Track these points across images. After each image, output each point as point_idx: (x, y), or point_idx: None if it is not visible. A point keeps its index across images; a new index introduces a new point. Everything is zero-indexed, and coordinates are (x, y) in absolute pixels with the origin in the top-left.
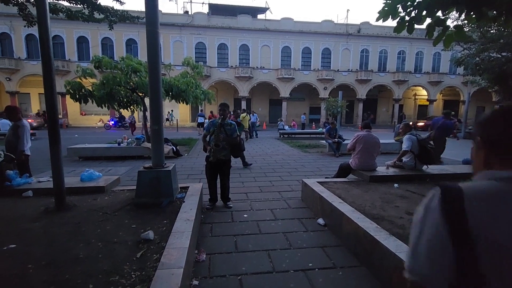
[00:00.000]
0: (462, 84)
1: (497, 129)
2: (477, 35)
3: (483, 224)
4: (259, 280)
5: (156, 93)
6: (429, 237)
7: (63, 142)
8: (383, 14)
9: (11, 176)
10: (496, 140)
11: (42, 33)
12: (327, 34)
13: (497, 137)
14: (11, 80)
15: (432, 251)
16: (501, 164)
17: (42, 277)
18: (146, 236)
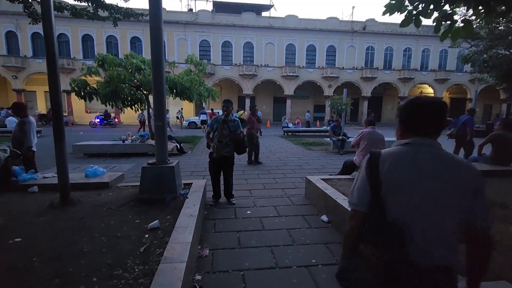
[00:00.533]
0: (469, 81)
1: (405, 114)
2: (485, 31)
3: (387, 172)
4: (262, 275)
5: (160, 90)
6: (359, 182)
7: (68, 139)
8: (389, 8)
9: (17, 171)
10: (404, 121)
11: (46, 30)
12: (332, 32)
13: (404, 118)
14: (17, 78)
15: (359, 191)
16: (405, 136)
17: (46, 270)
18: (153, 226)
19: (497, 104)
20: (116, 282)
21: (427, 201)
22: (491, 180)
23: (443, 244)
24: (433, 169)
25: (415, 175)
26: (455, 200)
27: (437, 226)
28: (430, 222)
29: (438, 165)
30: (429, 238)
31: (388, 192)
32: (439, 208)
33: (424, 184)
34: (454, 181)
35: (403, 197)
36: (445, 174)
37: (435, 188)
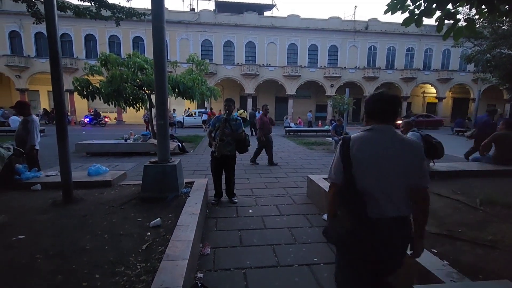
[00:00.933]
0: (472, 81)
1: (368, 106)
2: (488, 31)
3: (356, 151)
4: (263, 274)
5: (162, 88)
6: (335, 162)
7: (71, 138)
8: (391, 6)
9: (21, 170)
10: (367, 111)
11: (50, 29)
12: (334, 31)
13: (368, 109)
14: (20, 77)
15: (336, 168)
16: (368, 123)
17: (49, 266)
18: (155, 224)
19: (500, 104)
20: (119, 279)
21: (386, 172)
22: (493, 180)
23: (399, 202)
24: (389, 148)
25: (376, 154)
26: (405, 170)
27: (394, 189)
28: (389, 187)
29: (393, 144)
30: (388, 199)
31: (357, 168)
32: (394, 176)
33: (383, 159)
34: (404, 156)
35: (368, 171)
36: (398, 151)
37: (391, 162)
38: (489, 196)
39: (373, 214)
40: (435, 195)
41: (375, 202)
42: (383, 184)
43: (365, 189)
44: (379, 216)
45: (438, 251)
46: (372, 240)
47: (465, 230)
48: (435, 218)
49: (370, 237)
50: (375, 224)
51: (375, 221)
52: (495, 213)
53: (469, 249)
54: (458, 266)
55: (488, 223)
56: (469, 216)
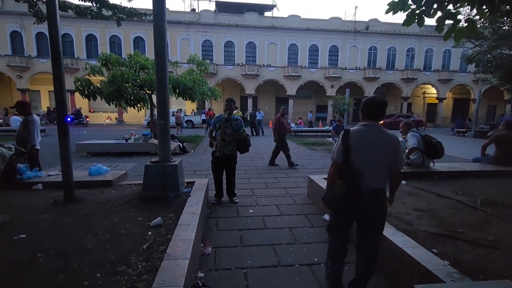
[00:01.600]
0: (472, 82)
1: (363, 106)
2: (489, 31)
3: (354, 140)
4: (264, 273)
5: (163, 88)
6: (337, 147)
7: (72, 138)
8: (392, 6)
9: (22, 169)
10: (362, 111)
11: (51, 29)
12: (335, 32)
13: (362, 109)
14: (22, 77)
15: (338, 151)
16: (363, 120)
17: (51, 266)
18: (156, 223)
19: (501, 105)
20: (120, 278)
21: (373, 156)
22: (494, 180)
23: (381, 179)
24: (377, 140)
25: (367, 142)
26: (386, 155)
27: (378, 170)
28: (374, 167)
29: (380, 138)
30: (373, 175)
31: (353, 152)
32: (378, 160)
33: (372, 148)
34: (386, 144)
35: (361, 155)
36: (383, 143)
37: (377, 149)
38: (490, 196)
39: (361, 185)
40: (436, 195)
41: (364, 177)
42: (371, 165)
43: (357, 168)
44: (365, 187)
45: (439, 251)
46: (358, 203)
47: (465, 230)
48: (435, 218)
49: (357, 201)
50: (363, 192)
51: (363, 191)
52: (496, 213)
53: (470, 249)
54: (458, 266)
55: (488, 223)
56: (470, 216)
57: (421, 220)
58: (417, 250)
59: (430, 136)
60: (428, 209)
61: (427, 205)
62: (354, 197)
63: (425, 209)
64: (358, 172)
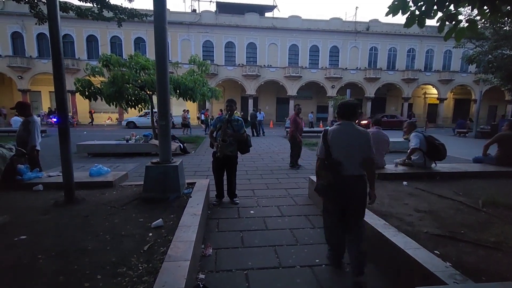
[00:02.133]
0: (473, 82)
1: (338, 109)
2: (490, 32)
3: (331, 138)
4: (265, 275)
5: (164, 89)
6: (320, 145)
7: (72, 139)
8: (393, 8)
9: (22, 170)
10: (337, 113)
11: (52, 29)
12: (335, 32)
13: (337, 112)
14: (22, 78)
15: (320, 149)
16: (339, 120)
17: (51, 267)
18: (157, 224)
19: (502, 105)
20: (120, 279)
21: (348, 150)
22: (495, 181)
23: (357, 166)
24: (350, 135)
25: (342, 139)
26: (359, 148)
27: (354, 159)
28: (351, 157)
29: (353, 133)
30: (350, 165)
31: (332, 147)
32: (354, 151)
33: (347, 142)
34: (358, 139)
35: (338, 149)
36: (355, 137)
37: (350, 143)
38: (492, 197)
39: (342, 173)
40: (437, 196)
41: (343, 166)
42: (348, 156)
43: (337, 159)
44: (346, 174)
45: (441, 252)
46: (343, 189)
47: (467, 232)
48: (437, 219)
49: (341, 187)
50: (344, 179)
51: (344, 177)
52: (498, 214)
53: (472, 250)
54: (460, 268)
55: (490, 225)
56: (472, 217)
57: (422, 221)
58: (418, 252)
59: (433, 137)
60: (429, 210)
61: (429, 206)
62: (338, 184)
63: (426, 210)
64: (338, 163)
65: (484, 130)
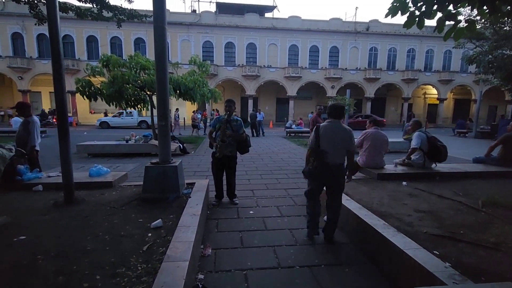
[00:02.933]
0: (473, 82)
1: (329, 109)
2: (490, 32)
3: (322, 133)
4: (264, 275)
5: (163, 89)
6: (312, 136)
7: (72, 139)
8: (392, 9)
9: (22, 170)
10: (327, 113)
11: (52, 30)
12: (335, 32)
13: (328, 112)
14: (23, 79)
15: (312, 140)
16: (329, 118)
17: (51, 267)
18: (156, 225)
19: (502, 105)
20: (119, 280)
21: (335, 142)
22: (495, 181)
23: (340, 156)
24: (337, 131)
25: (331, 134)
26: (343, 141)
27: (338, 150)
28: (336, 149)
29: (339, 130)
30: (335, 155)
31: (322, 140)
32: (337, 144)
33: (334, 136)
34: (342, 134)
35: (326, 141)
36: (341, 133)
37: (336, 137)
38: (491, 197)
39: (328, 161)
40: (437, 196)
41: (329, 155)
42: (333, 147)
43: (324, 149)
44: (330, 162)
45: (440, 253)
46: (326, 173)
47: (467, 232)
48: (437, 219)
49: (325, 172)
50: (329, 166)
51: (328, 165)
52: (498, 214)
53: (472, 251)
54: (460, 268)
55: (490, 225)
56: (471, 217)
57: (422, 222)
58: (418, 252)
59: (436, 138)
60: (429, 210)
61: (428, 206)
62: (323, 169)
63: (426, 211)
64: (325, 152)
65: (484, 130)
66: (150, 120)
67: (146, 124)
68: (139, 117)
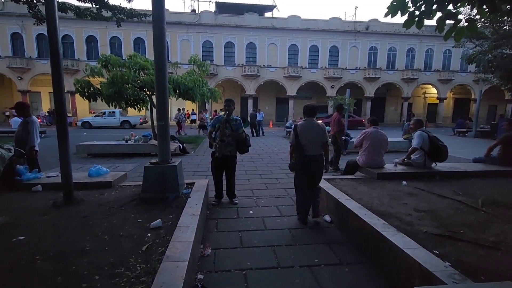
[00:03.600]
0: (473, 82)
1: (304, 109)
2: (490, 31)
3: (300, 130)
4: (264, 275)
5: (163, 89)
6: (292, 135)
7: (72, 139)
8: (392, 9)
9: (21, 171)
10: (303, 112)
11: (50, 30)
12: (335, 32)
13: (303, 111)
14: (22, 79)
15: (292, 137)
16: (305, 117)
17: (49, 268)
18: (155, 225)
19: (502, 105)
20: (118, 280)
21: (311, 137)
22: (495, 180)
23: (317, 148)
24: (312, 128)
25: (307, 130)
26: (317, 136)
27: (314, 144)
28: (312, 143)
29: (314, 127)
30: (312, 147)
31: (300, 136)
32: (313, 138)
33: (310, 132)
34: (317, 129)
35: (304, 137)
36: (316, 129)
37: (313, 133)
38: (491, 197)
39: (307, 153)
40: (437, 195)
41: (307, 149)
42: (310, 142)
43: (303, 144)
44: (309, 154)
45: (440, 252)
46: (307, 164)
47: (467, 231)
48: (436, 219)
49: (306, 163)
50: (308, 157)
51: (308, 156)
52: (497, 214)
53: (471, 250)
54: (460, 267)
55: (490, 224)
56: (471, 217)
57: (422, 221)
58: (418, 251)
59: (437, 138)
60: (429, 210)
61: (428, 206)
62: (304, 161)
63: (426, 210)
64: (303, 146)
65: (484, 129)
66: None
67: (129, 124)
68: (121, 117)
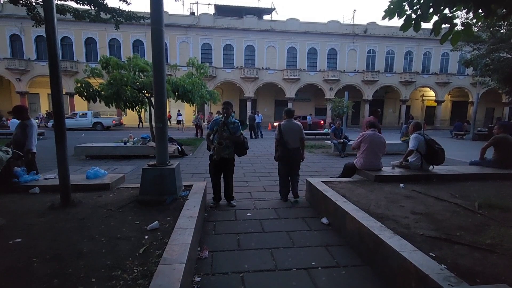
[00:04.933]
0: (471, 85)
1: (286, 113)
2: (487, 35)
3: (283, 129)
4: (261, 278)
5: (161, 91)
6: (276, 132)
7: (70, 141)
8: (389, 12)
9: (19, 173)
10: (285, 114)
11: (48, 32)
12: (333, 35)
13: (286, 114)
14: (21, 80)
15: (277, 133)
16: (286, 118)
17: (46, 270)
18: (153, 227)
19: (499, 107)
20: (115, 283)
21: (291, 134)
22: (491, 183)
23: (296, 142)
24: (292, 127)
25: (288, 128)
26: (296, 133)
27: (294, 139)
28: (292, 139)
29: (292, 125)
30: (292, 142)
31: (283, 133)
32: (293, 135)
33: (290, 130)
34: (296, 127)
35: (286, 134)
36: (294, 127)
37: (292, 131)
38: (488, 199)
39: (289, 146)
40: (434, 198)
41: (288, 143)
42: (291, 137)
43: (286, 139)
44: (290, 147)
45: (436, 255)
46: (288, 155)
47: (463, 234)
48: (433, 221)
49: (287, 154)
50: (289, 150)
51: (289, 149)
52: (494, 216)
53: (467, 253)
54: (456, 270)
55: (486, 227)
56: (468, 219)
57: (418, 224)
58: (414, 254)
59: (434, 141)
60: (425, 213)
61: (425, 208)
62: (286, 153)
63: (422, 213)
64: (286, 141)
65: (482, 132)
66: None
67: (102, 125)
68: (93, 119)
